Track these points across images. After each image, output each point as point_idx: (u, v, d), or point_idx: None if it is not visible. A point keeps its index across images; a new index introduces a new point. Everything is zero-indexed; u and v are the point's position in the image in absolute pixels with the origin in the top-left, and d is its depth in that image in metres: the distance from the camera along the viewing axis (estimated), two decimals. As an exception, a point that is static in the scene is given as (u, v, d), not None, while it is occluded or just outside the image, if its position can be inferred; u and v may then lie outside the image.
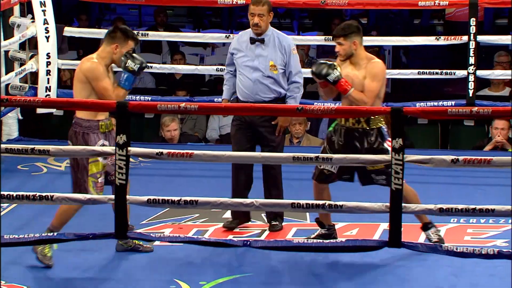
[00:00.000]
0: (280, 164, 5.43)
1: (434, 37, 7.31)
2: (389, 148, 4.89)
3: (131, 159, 4.46)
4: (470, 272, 4.74)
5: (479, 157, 4.38)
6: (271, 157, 4.70)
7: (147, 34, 7.71)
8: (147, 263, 4.90)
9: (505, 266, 4.62)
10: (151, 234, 4.74)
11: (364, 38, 7.52)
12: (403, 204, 4.33)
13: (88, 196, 4.55)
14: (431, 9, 10.36)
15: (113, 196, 4.47)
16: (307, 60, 9.51)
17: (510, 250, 4.34)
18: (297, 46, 9.66)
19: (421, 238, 5.20)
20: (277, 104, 4.92)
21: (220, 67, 7.44)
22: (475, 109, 4.36)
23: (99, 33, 7.98)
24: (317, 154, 4.51)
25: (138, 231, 5.02)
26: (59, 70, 7.37)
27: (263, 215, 5.61)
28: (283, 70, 5.52)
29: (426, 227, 5.11)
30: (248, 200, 4.50)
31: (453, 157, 4.41)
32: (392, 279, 4.71)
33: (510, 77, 8.07)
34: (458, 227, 5.45)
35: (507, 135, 7.28)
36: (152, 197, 4.52)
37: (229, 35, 7.71)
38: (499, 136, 7.21)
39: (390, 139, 4.83)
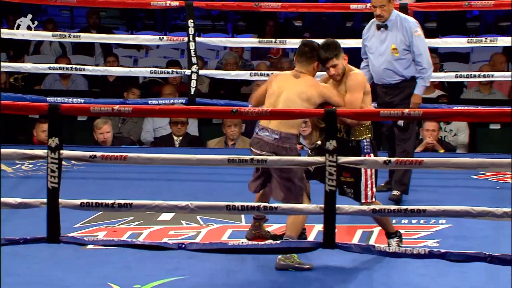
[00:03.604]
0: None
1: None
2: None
3: (64, 162, 4.41)
4: (402, 271, 4.81)
5: (410, 159, 4.49)
6: (206, 160, 4.67)
7: (80, 36, 7.63)
8: (80, 267, 4.85)
9: (436, 266, 4.71)
10: (84, 238, 4.69)
11: (298, 40, 7.64)
12: (336, 206, 4.38)
13: (19, 200, 4.48)
14: (363, 12, 10.53)
15: (45, 200, 4.41)
16: (241, 62, 9.52)
17: (440, 250, 4.41)
18: (231, 48, 9.76)
19: (355, 239, 5.26)
20: (212, 107, 4.91)
21: (154, 69, 7.40)
22: (406, 111, 4.43)
23: (30, 34, 7.88)
24: (251, 157, 4.52)
25: (71, 234, 4.97)
26: (-11, 72, 7.24)
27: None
28: (407, 52, 5.85)
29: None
30: (183, 203, 4.48)
31: (385, 158, 4.50)
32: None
33: (438, 80, 8.23)
34: (391, 227, 5.52)
35: (437, 137, 7.41)
36: (85, 201, 4.47)
37: (163, 37, 7.67)
38: (429, 138, 7.34)
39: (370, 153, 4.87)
